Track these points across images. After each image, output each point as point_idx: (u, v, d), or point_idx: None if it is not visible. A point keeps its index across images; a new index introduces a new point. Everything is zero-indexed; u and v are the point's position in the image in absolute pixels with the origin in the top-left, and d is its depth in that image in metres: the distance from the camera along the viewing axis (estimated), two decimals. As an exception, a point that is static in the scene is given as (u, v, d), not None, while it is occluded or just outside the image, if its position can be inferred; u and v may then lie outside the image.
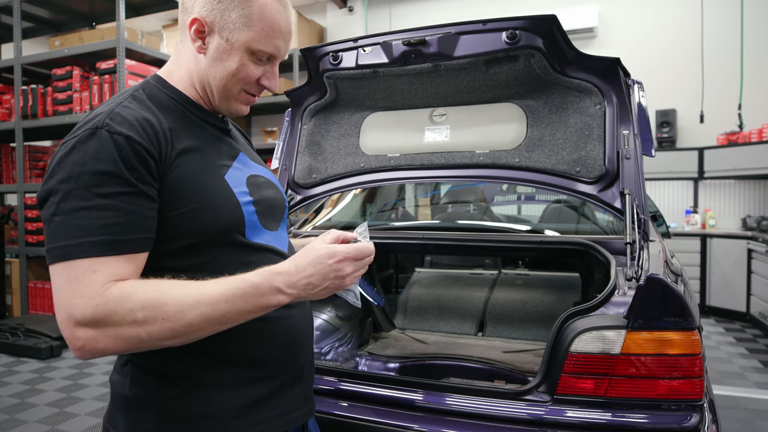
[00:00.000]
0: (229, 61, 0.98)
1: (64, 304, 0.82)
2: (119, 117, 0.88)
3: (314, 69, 2.03)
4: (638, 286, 1.29)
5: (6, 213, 5.94)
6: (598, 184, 1.82)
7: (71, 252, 0.82)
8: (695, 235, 5.66)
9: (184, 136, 0.96)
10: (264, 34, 0.97)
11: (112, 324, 0.81)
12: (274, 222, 1.08)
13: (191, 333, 0.85)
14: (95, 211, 0.83)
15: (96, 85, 4.74)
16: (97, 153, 0.84)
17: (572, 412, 1.34)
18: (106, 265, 0.82)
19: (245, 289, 0.87)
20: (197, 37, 0.98)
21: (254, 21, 0.96)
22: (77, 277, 0.81)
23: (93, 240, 0.82)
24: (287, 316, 1.03)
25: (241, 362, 0.98)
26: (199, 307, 0.84)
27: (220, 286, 0.86)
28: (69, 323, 0.81)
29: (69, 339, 0.82)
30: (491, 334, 2.51)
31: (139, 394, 0.95)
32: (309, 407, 1.11)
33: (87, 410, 3.24)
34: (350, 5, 7.37)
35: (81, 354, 0.82)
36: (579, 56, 1.77)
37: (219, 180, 0.97)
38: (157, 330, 0.82)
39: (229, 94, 1.02)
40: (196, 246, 0.93)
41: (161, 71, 1.06)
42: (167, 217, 0.90)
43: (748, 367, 4.00)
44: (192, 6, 0.98)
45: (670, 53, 6.11)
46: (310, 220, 2.74)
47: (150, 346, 0.84)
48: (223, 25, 0.96)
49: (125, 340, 0.82)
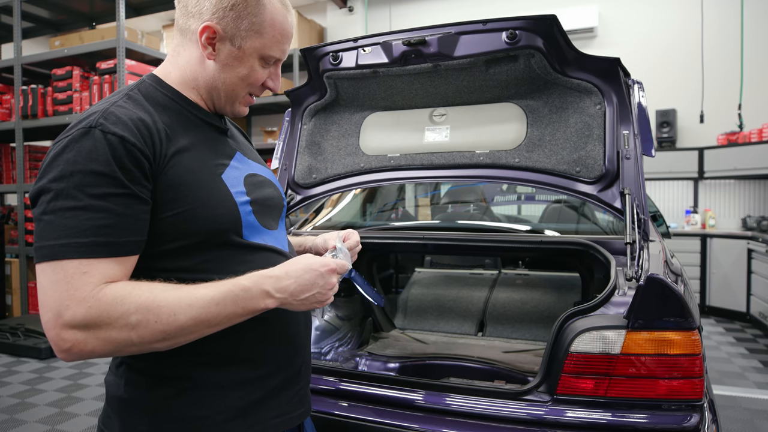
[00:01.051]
0: (240, 67, 1.00)
1: (51, 304, 0.80)
2: (113, 117, 0.88)
3: (314, 69, 2.03)
4: (638, 286, 1.29)
5: (6, 213, 5.94)
6: (598, 184, 1.82)
7: (59, 252, 0.81)
8: (695, 235, 5.66)
9: (181, 136, 0.96)
10: (274, 41, 1.00)
11: (104, 327, 0.80)
12: (272, 221, 1.08)
13: (181, 336, 0.85)
14: (86, 212, 0.82)
15: (96, 85, 4.74)
16: (90, 153, 0.84)
17: (572, 412, 1.34)
18: (96, 267, 0.82)
19: (236, 292, 0.87)
20: (208, 43, 0.98)
21: (265, 28, 0.98)
22: (66, 278, 0.80)
23: (83, 241, 0.81)
24: (284, 317, 1.03)
25: (237, 363, 0.97)
26: (191, 310, 0.84)
27: (211, 289, 0.86)
28: (56, 324, 0.80)
29: (55, 340, 0.80)
30: (491, 334, 2.51)
31: (133, 395, 0.95)
32: (305, 407, 1.11)
33: (87, 410, 3.24)
34: (350, 5, 7.37)
35: (66, 356, 0.81)
36: (579, 56, 1.77)
37: (215, 180, 0.97)
38: (148, 333, 0.82)
39: (236, 98, 1.04)
40: (193, 246, 0.93)
41: (157, 71, 1.05)
42: (163, 217, 0.90)
43: (748, 367, 4.00)
44: (200, 12, 0.97)
45: (670, 53, 6.11)
46: (310, 220, 2.74)
47: (138, 350, 0.84)
48: (235, 33, 0.97)
49: (115, 343, 0.81)
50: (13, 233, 5.53)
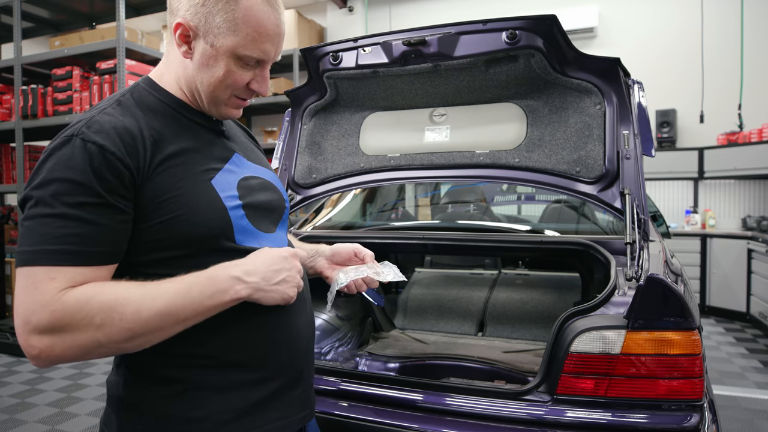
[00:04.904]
0: (216, 68, 0.95)
1: (20, 310, 0.81)
2: (97, 125, 0.87)
3: (314, 69, 2.03)
4: (638, 286, 1.29)
5: (6, 213, 5.94)
6: (598, 184, 1.82)
7: (31, 258, 0.81)
8: (695, 235, 5.66)
9: (171, 141, 0.94)
10: (250, 39, 0.93)
11: (69, 330, 0.80)
12: (270, 224, 1.06)
13: (149, 333, 0.84)
14: (59, 220, 0.82)
15: (96, 85, 4.74)
16: (68, 161, 0.84)
17: (572, 412, 1.34)
18: (64, 274, 0.81)
19: (201, 281, 0.87)
20: (182, 41, 0.95)
21: (239, 25, 0.92)
22: (34, 284, 0.80)
23: (51, 248, 0.81)
24: (287, 317, 1.01)
25: (237, 365, 0.96)
26: (155, 304, 0.83)
27: (175, 282, 0.86)
28: (24, 330, 0.80)
29: (24, 346, 0.80)
30: (491, 334, 2.51)
31: (131, 396, 0.94)
32: (308, 410, 1.09)
33: (87, 410, 3.24)
34: (350, 5, 7.37)
35: (37, 362, 0.81)
36: (579, 56, 1.77)
37: (204, 186, 0.94)
38: (115, 332, 0.81)
39: (218, 100, 0.99)
40: (185, 253, 0.92)
41: (152, 73, 1.04)
42: (150, 225, 0.89)
43: (748, 367, 4.00)
44: (177, 8, 0.95)
45: (670, 53, 6.11)
46: (310, 220, 2.74)
47: (109, 351, 0.83)
48: (207, 30, 0.92)
49: (83, 346, 0.81)
50: (13, 233, 5.53)
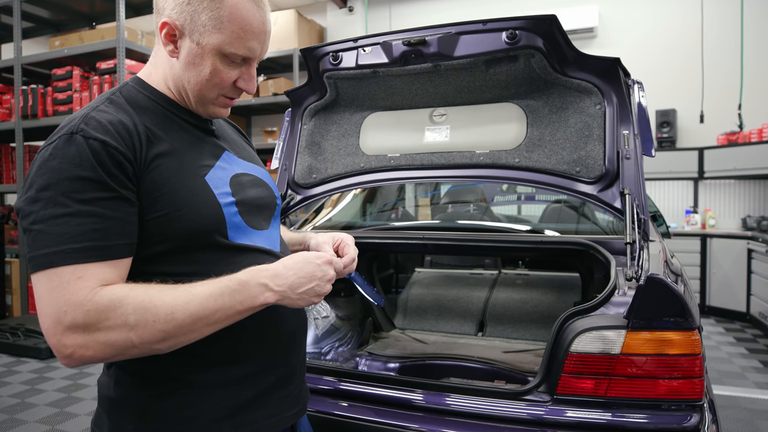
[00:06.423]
0: (202, 66, 0.95)
1: (49, 312, 0.80)
2: (94, 121, 0.87)
3: (314, 69, 2.03)
4: (638, 286, 1.29)
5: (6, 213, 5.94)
6: (598, 184, 1.82)
7: (53, 260, 0.81)
8: (695, 235, 5.66)
9: (162, 139, 0.94)
10: (235, 37, 0.94)
11: (104, 329, 0.80)
12: (262, 221, 1.06)
13: (181, 335, 0.84)
14: (76, 218, 0.82)
15: (96, 85, 4.74)
16: (73, 158, 0.83)
17: (572, 412, 1.34)
18: (91, 272, 0.81)
19: (233, 286, 0.87)
20: (168, 40, 0.95)
21: (224, 23, 0.93)
22: (62, 284, 0.80)
23: (75, 247, 0.81)
24: (275, 316, 1.01)
25: (227, 363, 0.96)
26: (188, 307, 0.83)
27: (208, 286, 0.86)
28: (56, 330, 0.80)
29: (56, 347, 0.80)
30: (491, 334, 2.51)
31: (122, 395, 0.94)
32: (300, 407, 1.09)
33: (87, 410, 3.24)
34: (350, 5, 7.37)
35: (69, 362, 0.81)
36: (579, 56, 1.77)
37: (198, 182, 0.95)
38: (148, 333, 0.81)
39: (206, 99, 0.99)
40: (178, 249, 0.92)
41: (140, 73, 1.04)
42: (146, 220, 0.89)
43: (748, 367, 4.00)
44: (163, 8, 0.95)
45: (670, 53, 6.11)
46: (310, 220, 2.74)
47: (141, 352, 0.84)
48: (193, 29, 0.93)
49: (116, 346, 0.81)
50: (13, 233, 5.53)
